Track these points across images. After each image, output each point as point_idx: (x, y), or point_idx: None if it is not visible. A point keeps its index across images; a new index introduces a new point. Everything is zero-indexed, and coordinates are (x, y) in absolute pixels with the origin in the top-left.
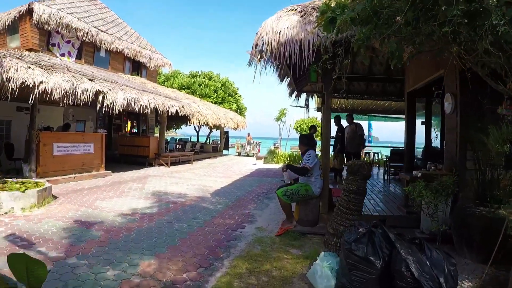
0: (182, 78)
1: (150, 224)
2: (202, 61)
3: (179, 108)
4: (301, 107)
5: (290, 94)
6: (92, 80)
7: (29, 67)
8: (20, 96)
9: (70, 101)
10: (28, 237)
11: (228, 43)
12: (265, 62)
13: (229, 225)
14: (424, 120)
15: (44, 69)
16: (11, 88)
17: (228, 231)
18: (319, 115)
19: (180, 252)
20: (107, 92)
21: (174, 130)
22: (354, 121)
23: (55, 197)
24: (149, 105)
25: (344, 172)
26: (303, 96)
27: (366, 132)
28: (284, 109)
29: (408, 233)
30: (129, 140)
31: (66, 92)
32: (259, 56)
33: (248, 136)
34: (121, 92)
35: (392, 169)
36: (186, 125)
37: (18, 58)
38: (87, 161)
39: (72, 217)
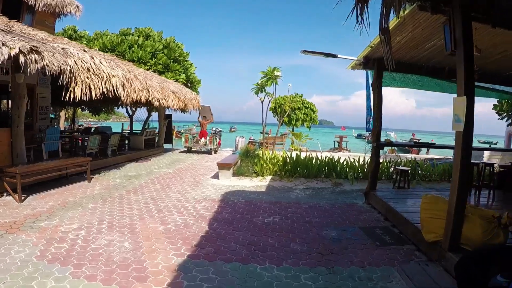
0: (106, 38)
1: None
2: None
3: (17, 53)
4: (327, 55)
5: None
6: None
7: None
8: None
9: None
10: None
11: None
12: None
13: None
14: None
15: None
16: None
17: None
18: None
19: None
20: None
21: (105, 114)
22: None
23: None
24: None
25: None
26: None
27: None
28: (274, 69)
29: None
30: None
31: None
32: None
33: (204, 119)
34: None
35: None
36: (118, 108)
37: None
38: None
39: None
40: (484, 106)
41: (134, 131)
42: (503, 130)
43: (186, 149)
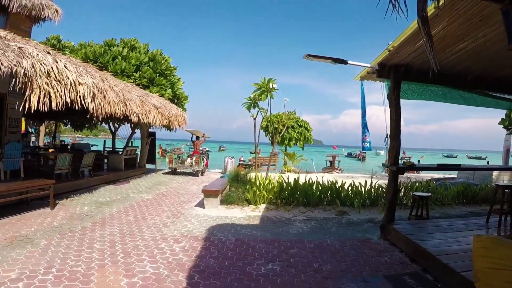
0: (90, 48)
1: None
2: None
3: None
4: (336, 60)
5: None
6: None
7: None
8: None
9: None
10: None
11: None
12: None
13: None
14: None
15: None
16: None
17: None
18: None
19: None
20: None
21: (88, 129)
22: None
23: None
24: None
25: None
26: None
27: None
28: (269, 80)
29: None
30: None
31: None
32: None
33: (197, 139)
34: None
35: None
36: (101, 123)
37: None
38: None
39: None
40: (471, 122)
41: (116, 149)
42: (486, 145)
43: (170, 170)
